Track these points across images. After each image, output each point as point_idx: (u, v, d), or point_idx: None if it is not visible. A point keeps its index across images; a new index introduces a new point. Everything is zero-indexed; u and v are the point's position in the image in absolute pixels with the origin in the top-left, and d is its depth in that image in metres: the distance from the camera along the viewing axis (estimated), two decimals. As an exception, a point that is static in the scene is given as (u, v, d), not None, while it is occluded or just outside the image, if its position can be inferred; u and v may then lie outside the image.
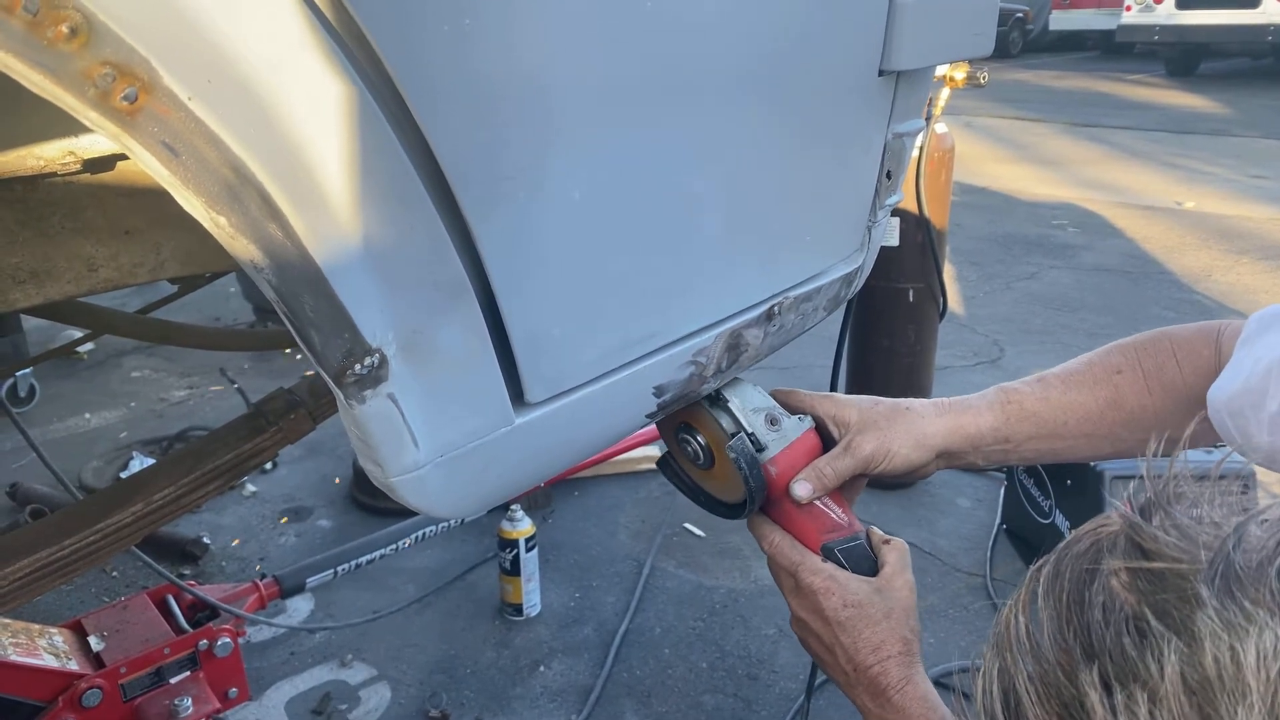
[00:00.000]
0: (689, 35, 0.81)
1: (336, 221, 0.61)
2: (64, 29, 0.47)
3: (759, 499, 1.01)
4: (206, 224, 0.57)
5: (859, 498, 1.12)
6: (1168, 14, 11.75)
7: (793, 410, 1.06)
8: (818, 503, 1.01)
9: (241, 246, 0.58)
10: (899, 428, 1.05)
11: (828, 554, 1.00)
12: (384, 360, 0.68)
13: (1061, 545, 0.55)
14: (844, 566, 0.99)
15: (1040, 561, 0.55)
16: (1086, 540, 0.55)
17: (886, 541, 1.03)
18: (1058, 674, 0.50)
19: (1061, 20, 16.23)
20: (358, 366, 0.66)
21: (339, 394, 0.68)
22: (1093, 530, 0.55)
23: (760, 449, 1.01)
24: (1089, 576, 0.52)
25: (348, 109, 0.59)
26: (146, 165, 0.53)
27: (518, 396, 0.81)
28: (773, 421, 1.02)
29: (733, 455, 0.99)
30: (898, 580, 0.99)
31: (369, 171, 0.61)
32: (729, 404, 1.03)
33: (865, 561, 1.01)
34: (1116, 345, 1.10)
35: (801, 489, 1.01)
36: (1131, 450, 1.05)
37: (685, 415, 1.05)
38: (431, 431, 0.74)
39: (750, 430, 1.01)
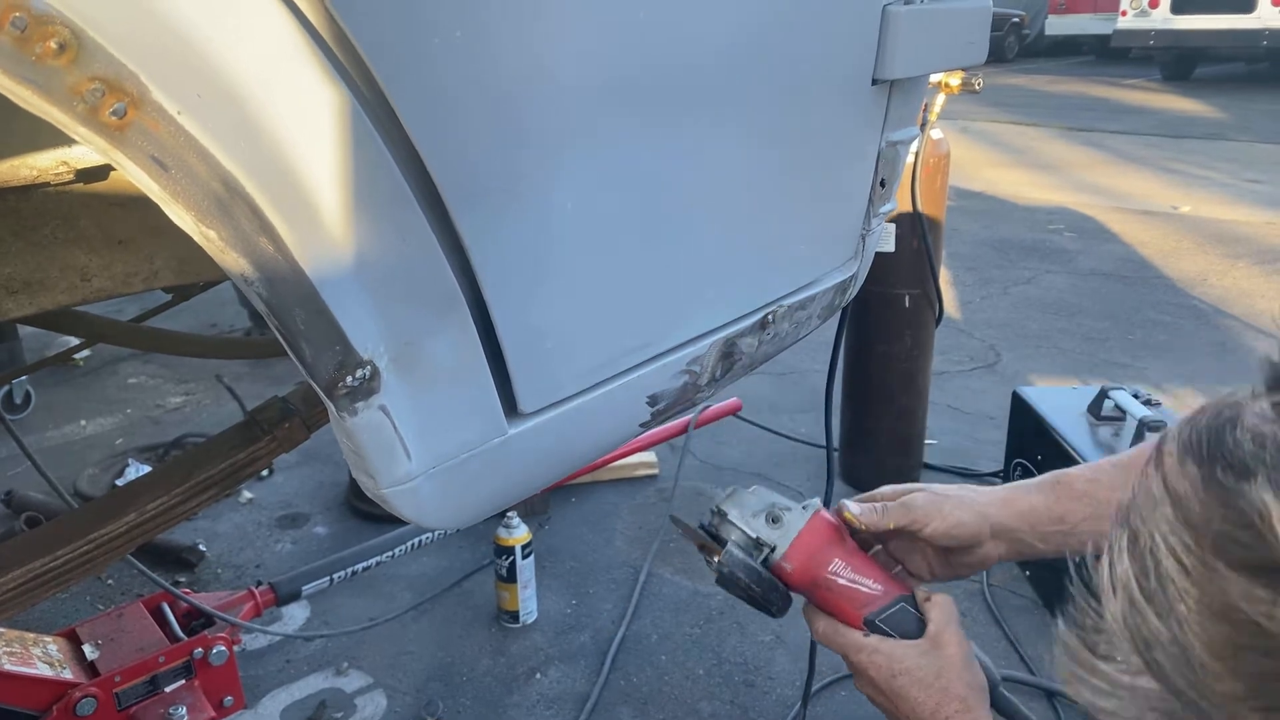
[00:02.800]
0: (681, 46, 0.81)
1: (327, 234, 0.61)
2: (52, 45, 0.47)
3: (775, 603, 1.00)
4: (196, 237, 0.57)
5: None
6: (1163, 19, 11.79)
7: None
8: (847, 580, 1.01)
9: (232, 260, 0.58)
10: (953, 494, 1.07)
11: (871, 626, 1.00)
12: (375, 372, 0.68)
13: (1183, 421, 0.51)
14: (889, 634, 0.99)
15: (1160, 441, 0.51)
16: (1214, 406, 0.51)
17: (929, 599, 1.03)
18: (1210, 505, 0.45)
19: (1057, 25, 16.28)
20: (349, 378, 0.66)
21: (331, 406, 0.68)
22: (1217, 402, 0.51)
23: (771, 549, 1.00)
24: (1229, 423, 0.48)
25: (339, 122, 0.59)
26: (136, 179, 0.53)
27: (511, 407, 0.81)
28: (774, 520, 1.01)
29: (726, 570, 0.97)
30: (944, 636, 0.98)
31: (360, 184, 0.61)
32: (727, 516, 1.01)
33: (911, 623, 1.00)
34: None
35: (852, 508, 1.03)
36: None
37: (692, 539, 1.05)
38: (424, 443, 0.74)
39: (755, 536, 1.00)
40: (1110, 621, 0.48)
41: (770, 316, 1.06)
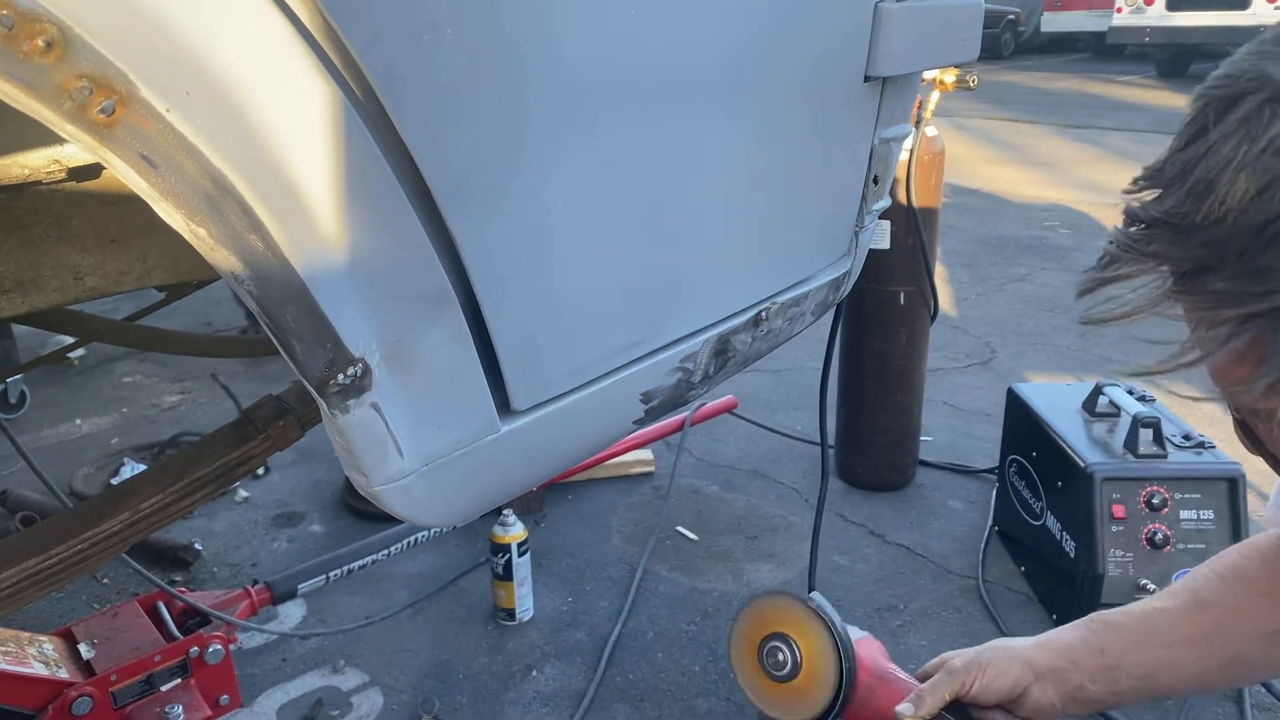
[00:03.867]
0: (673, 44, 0.81)
1: (318, 232, 0.61)
2: (39, 42, 0.47)
3: (848, 689, 1.04)
4: (186, 235, 0.57)
5: (858, 508, 1.18)
6: (1159, 15, 11.80)
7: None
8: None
9: (222, 258, 0.58)
10: (988, 648, 1.08)
11: None
12: (367, 370, 0.68)
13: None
14: None
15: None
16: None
17: None
18: None
19: (1053, 22, 16.28)
20: (341, 376, 0.66)
21: (322, 404, 0.68)
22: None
23: None
24: None
25: (329, 119, 0.59)
26: (125, 178, 0.53)
27: (503, 404, 0.81)
28: None
29: (836, 638, 1.04)
30: None
31: (351, 182, 0.61)
32: (819, 605, 1.09)
33: None
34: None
35: (904, 708, 1.02)
36: (1256, 664, 1.06)
37: (778, 624, 1.11)
38: (416, 440, 0.74)
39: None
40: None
41: (764, 313, 1.06)
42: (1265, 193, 0.54)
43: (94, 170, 0.93)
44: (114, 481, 2.89)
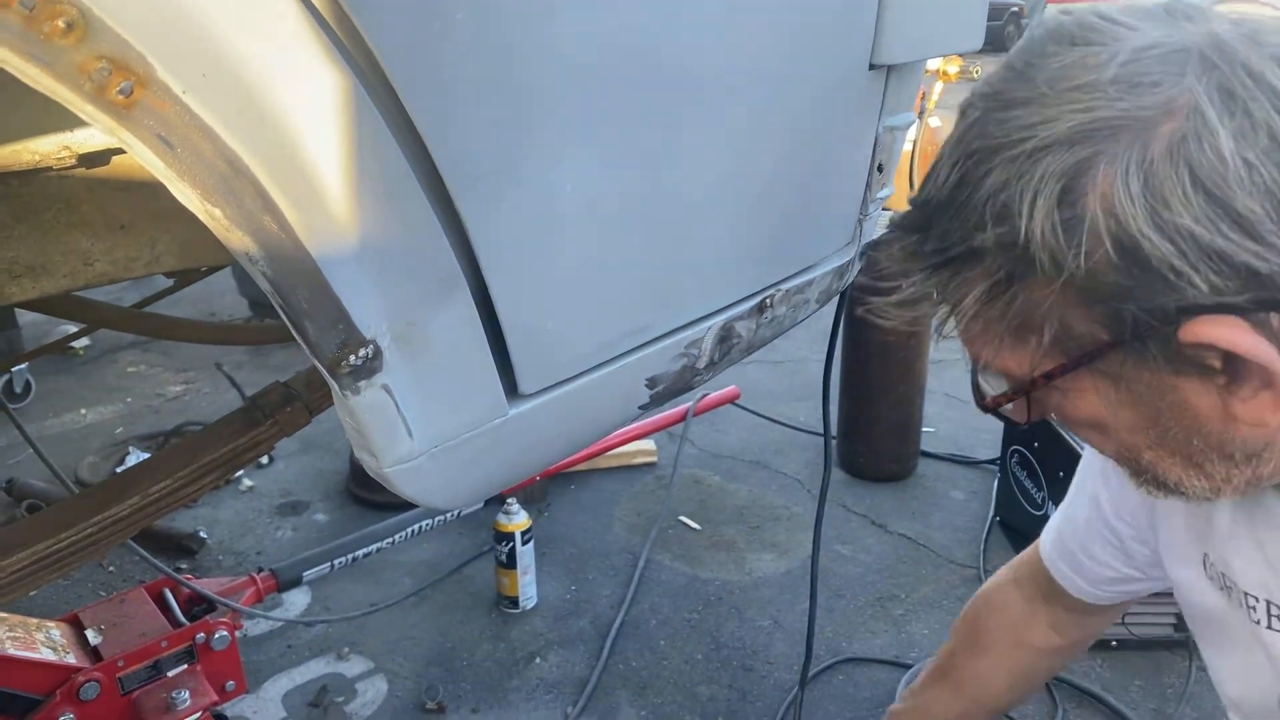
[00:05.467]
0: (680, 32, 0.81)
1: (330, 214, 0.62)
2: (60, 23, 0.47)
3: None
4: (201, 216, 0.57)
5: (860, 498, 1.25)
6: (1163, 8, 11.77)
7: None
8: None
9: (236, 239, 0.58)
10: None
11: None
12: (378, 351, 0.68)
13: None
14: None
15: None
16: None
17: None
18: None
19: (1057, 14, 16.23)
20: (352, 357, 0.67)
21: (334, 385, 0.68)
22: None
23: None
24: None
25: (341, 102, 0.60)
26: (142, 158, 0.54)
27: (511, 388, 0.82)
28: None
29: None
30: None
31: (362, 164, 0.62)
32: None
33: None
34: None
35: None
36: (1017, 700, 1.35)
37: None
38: (426, 422, 0.75)
39: None
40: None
41: (768, 300, 1.07)
42: (950, 173, 0.66)
43: (104, 157, 0.94)
44: (119, 470, 2.90)
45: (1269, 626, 0.84)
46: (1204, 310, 0.58)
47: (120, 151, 0.92)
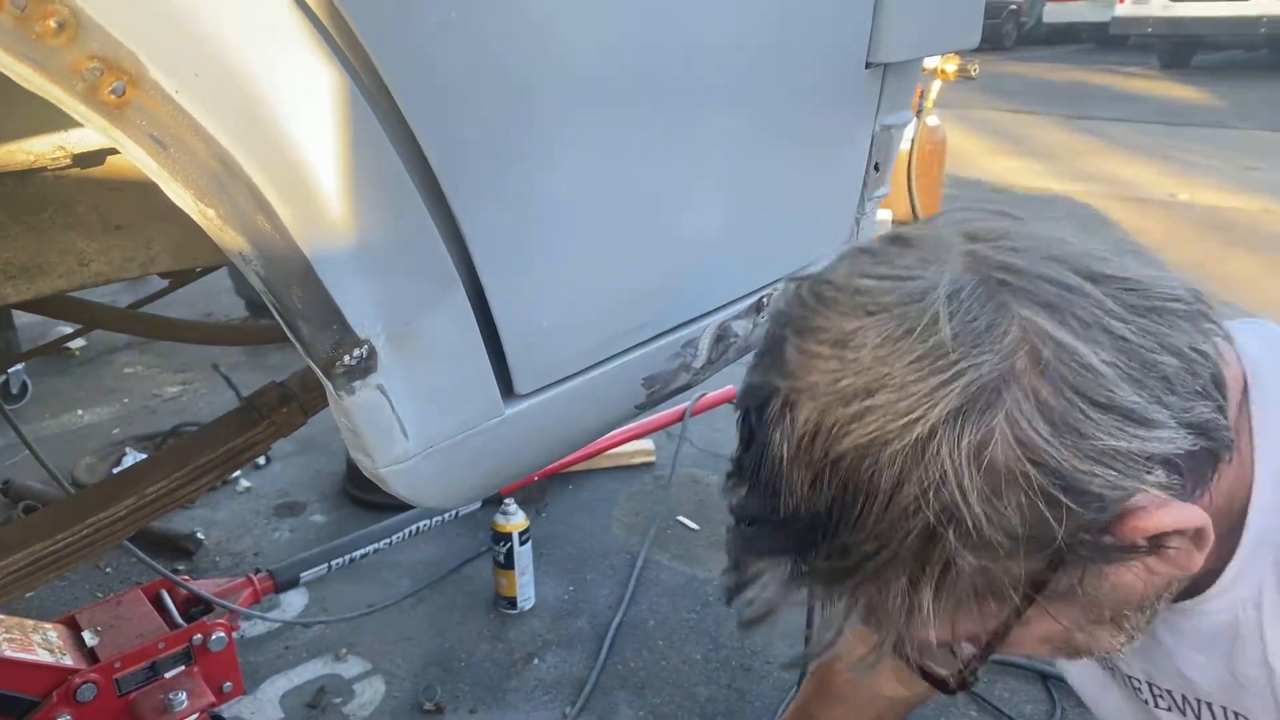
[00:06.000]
0: (676, 28, 0.81)
1: (324, 213, 0.61)
2: (51, 23, 0.47)
3: None
4: (195, 216, 0.57)
5: None
6: (1161, 6, 11.77)
7: None
8: None
9: (230, 238, 0.58)
10: None
11: None
12: (372, 351, 0.68)
13: None
14: None
15: None
16: None
17: None
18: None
19: (1055, 13, 16.26)
20: (346, 357, 0.67)
21: (328, 385, 0.68)
22: None
23: None
24: None
25: (334, 102, 0.60)
26: (135, 158, 0.54)
27: (507, 387, 0.82)
28: None
29: None
30: None
31: (356, 164, 0.62)
32: None
33: None
34: None
35: None
36: None
37: None
38: (421, 422, 0.75)
39: None
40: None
41: (765, 300, 1.07)
42: (817, 482, 0.60)
43: (99, 157, 0.94)
44: (116, 471, 2.90)
45: (1156, 706, 0.87)
46: (1131, 509, 0.60)
47: (115, 152, 0.91)
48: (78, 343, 3.83)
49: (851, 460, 0.58)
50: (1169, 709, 0.86)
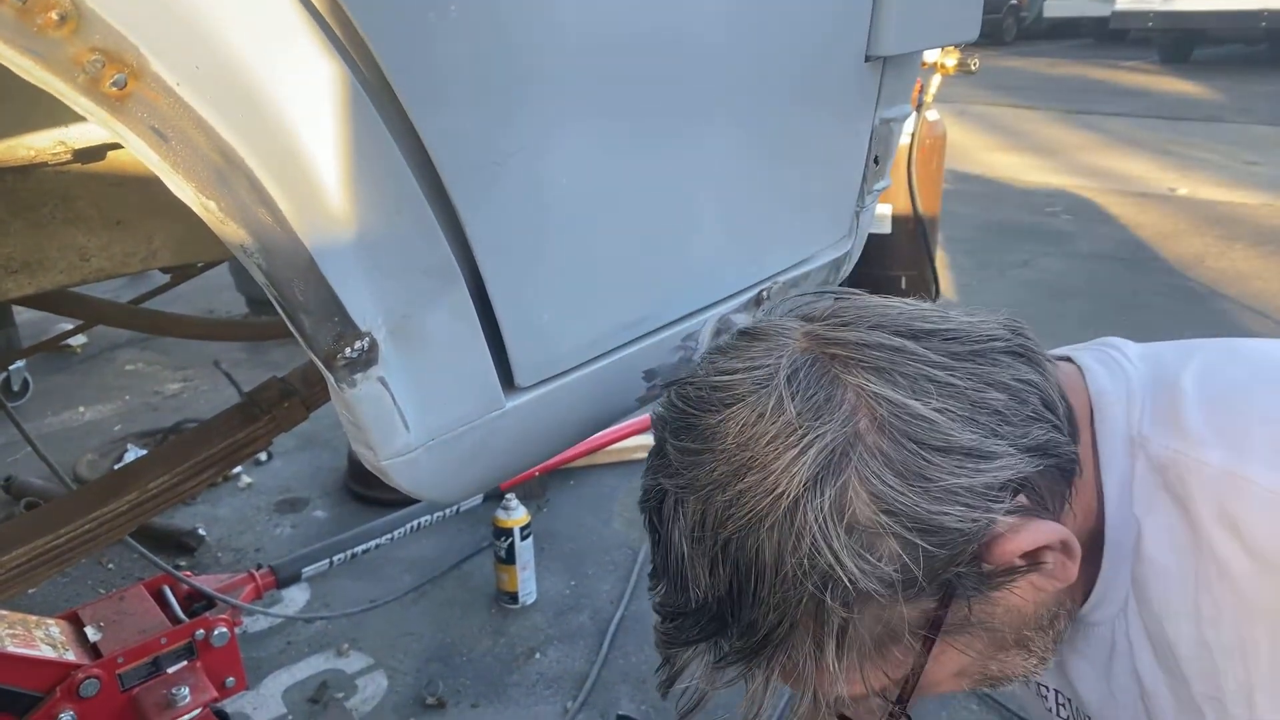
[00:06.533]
0: (676, 20, 0.81)
1: (325, 206, 0.61)
2: (53, 15, 0.47)
3: None
4: (196, 209, 0.57)
5: None
6: (1161, 1, 11.75)
7: None
8: None
9: (231, 231, 0.58)
10: None
11: None
12: (374, 344, 0.68)
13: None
14: None
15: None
16: None
17: None
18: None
19: (1055, 7, 16.24)
20: (348, 350, 0.67)
21: (330, 377, 0.68)
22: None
23: None
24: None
25: (335, 95, 0.60)
26: (137, 151, 0.54)
27: (508, 381, 0.82)
28: None
29: None
30: None
31: (357, 157, 0.62)
32: None
33: None
34: None
35: None
36: None
37: None
38: (422, 415, 0.75)
39: None
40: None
41: (765, 293, 1.07)
42: (715, 567, 0.65)
43: (100, 152, 0.94)
44: (117, 468, 2.90)
45: (1058, 715, 0.91)
46: (994, 536, 0.64)
47: (116, 147, 0.91)
48: (78, 340, 3.83)
49: (737, 542, 0.63)
50: (1067, 718, 0.91)
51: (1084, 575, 0.71)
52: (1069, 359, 0.80)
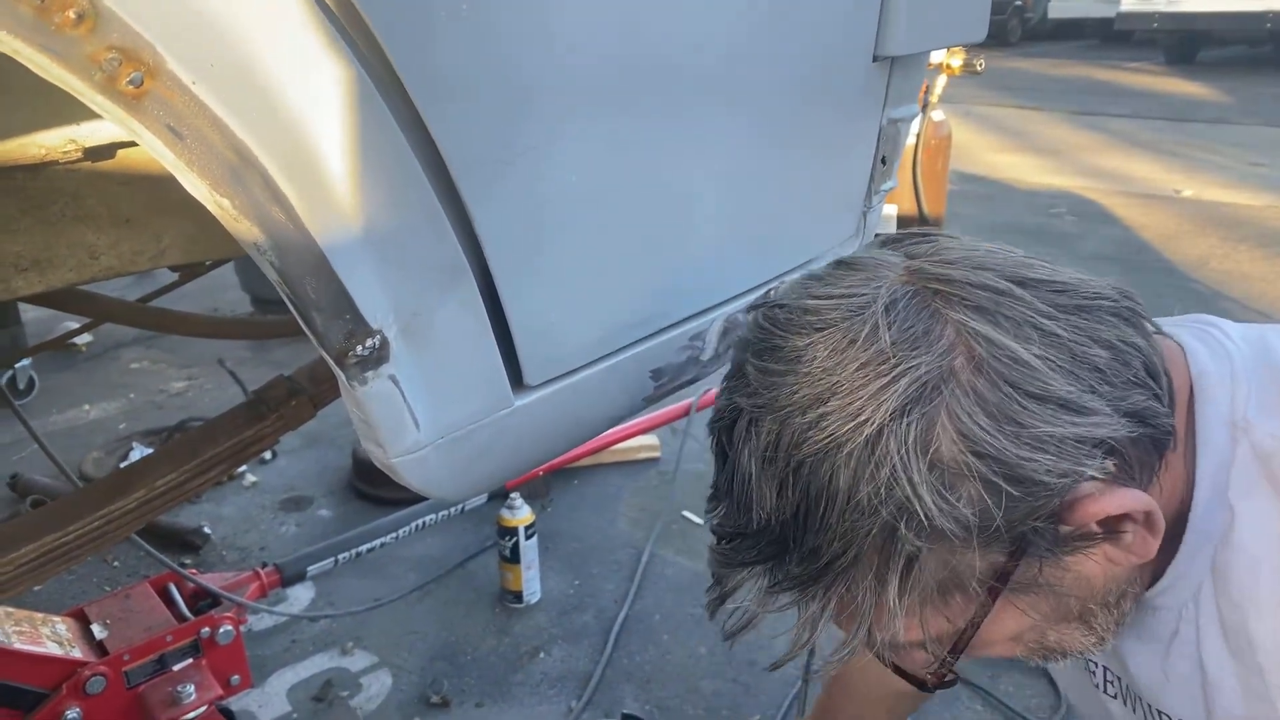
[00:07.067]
0: (686, 20, 0.81)
1: (337, 204, 0.62)
2: (71, 14, 0.48)
3: None
4: (210, 206, 0.58)
5: None
6: (1166, 2, 11.73)
7: None
8: None
9: (245, 229, 0.59)
10: None
11: None
12: (385, 342, 0.69)
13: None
14: None
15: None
16: None
17: None
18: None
19: (1060, 8, 16.21)
20: (359, 348, 0.67)
21: (341, 375, 0.69)
22: None
23: None
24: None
25: (347, 93, 0.60)
26: (152, 148, 0.54)
27: (517, 379, 0.82)
28: None
29: None
30: None
31: (368, 155, 0.62)
32: None
33: None
34: None
35: None
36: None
37: None
38: (432, 413, 0.75)
39: None
40: None
41: (772, 292, 1.07)
42: (783, 490, 0.64)
43: (110, 150, 0.94)
44: (123, 466, 2.90)
45: (1105, 692, 0.90)
46: (1078, 496, 0.63)
47: (126, 145, 0.92)
48: (84, 338, 3.84)
49: (811, 466, 0.62)
50: (1115, 697, 0.89)
51: (1156, 557, 0.69)
52: (1164, 334, 0.76)
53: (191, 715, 1.59)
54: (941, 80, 2.51)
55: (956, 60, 2.43)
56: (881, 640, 0.68)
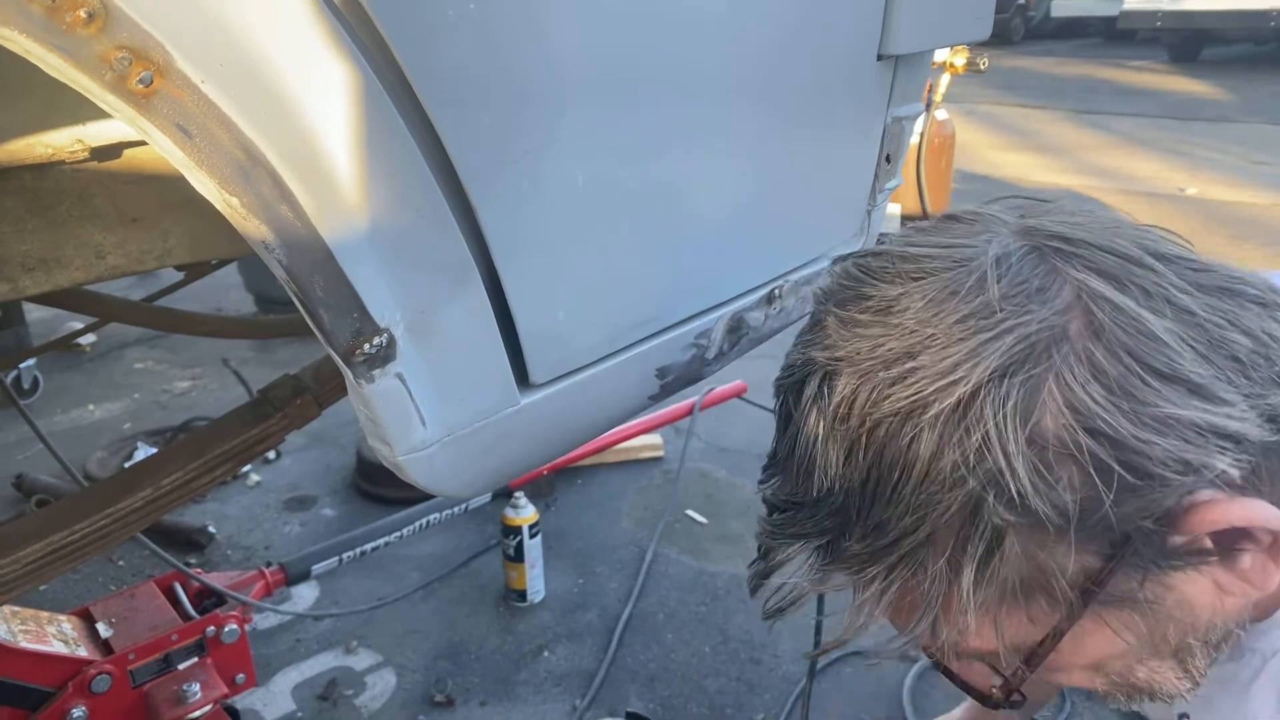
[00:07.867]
0: (691, 19, 0.82)
1: (345, 203, 0.62)
2: (81, 14, 0.48)
3: None
4: (219, 205, 0.58)
5: None
6: (1170, 0, 11.72)
7: None
8: None
9: (253, 227, 0.59)
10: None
11: None
12: (392, 340, 0.69)
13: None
14: None
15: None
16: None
17: None
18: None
19: (1063, 7, 16.20)
20: (366, 346, 0.67)
21: (348, 373, 0.69)
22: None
23: None
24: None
25: (355, 93, 0.60)
26: (161, 147, 0.54)
27: (523, 377, 0.82)
28: None
29: None
30: None
31: (376, 154, 0.62)
32: None
33: None
34: None
35: None
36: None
37: None
38: (439, 411, 0.75)
39: None
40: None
41: (777, 291, 1.07)
42: (853, 454, 0.55)
43: (116, 150, 0.94)
44: (127, 466, 2.91)
45: None
46: (1197, 501, 0.53)
47: (133, 144, 0.92)
48: (88, 338, 3.85)
49: (889, 427, 0.54)
50: None
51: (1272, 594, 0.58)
52: None
53: (196, 714, 1.60)
54: (945, 79, 2.52)
55: (960, 59, 2.43)
56: (945, 638, 0.59)
